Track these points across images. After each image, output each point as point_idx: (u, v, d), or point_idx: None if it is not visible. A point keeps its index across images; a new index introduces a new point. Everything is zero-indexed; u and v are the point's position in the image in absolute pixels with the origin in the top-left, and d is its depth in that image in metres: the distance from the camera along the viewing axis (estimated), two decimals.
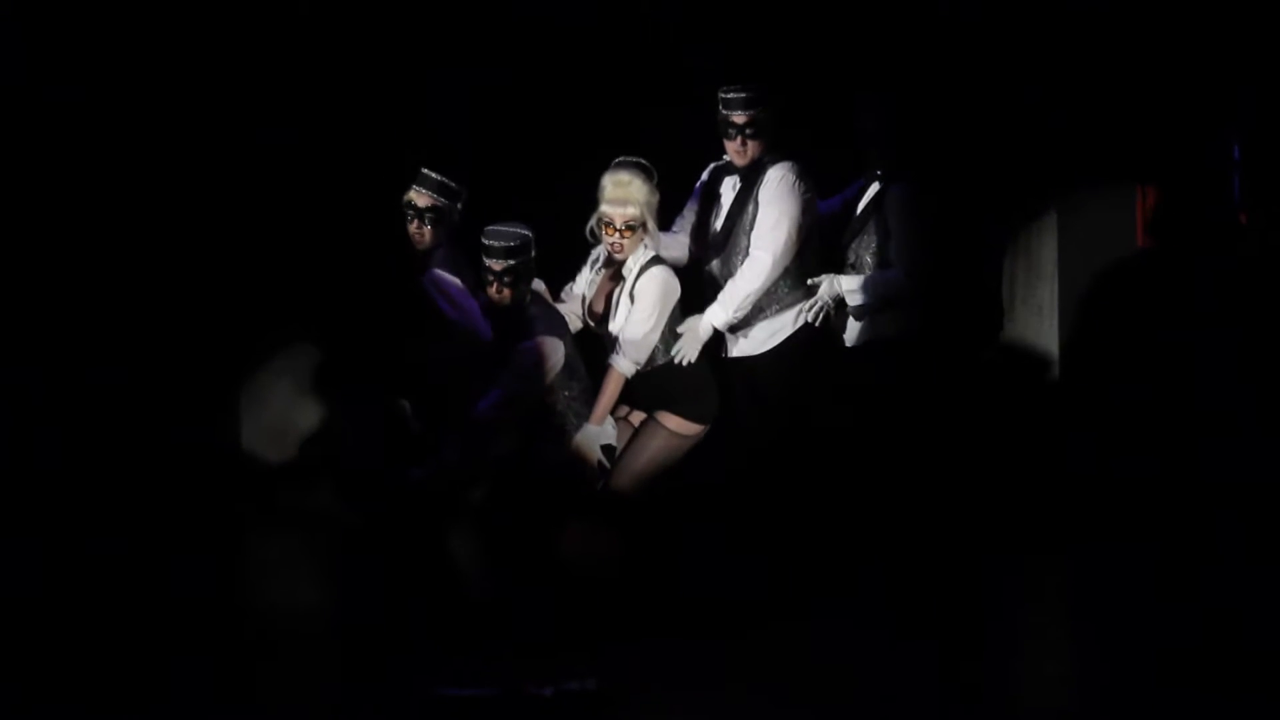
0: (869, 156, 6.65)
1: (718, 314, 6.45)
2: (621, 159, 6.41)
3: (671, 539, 6.35)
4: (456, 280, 6.34)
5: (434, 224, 6.38)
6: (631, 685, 5.42)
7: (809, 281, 6.50)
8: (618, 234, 6.35)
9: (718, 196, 6.64)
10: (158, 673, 5.63)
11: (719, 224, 6.60)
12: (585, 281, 6.63)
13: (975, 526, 6.69)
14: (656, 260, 6.41)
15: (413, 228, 6.40)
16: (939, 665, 5.59)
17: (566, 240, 6.52)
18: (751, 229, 6.48)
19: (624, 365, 6.38)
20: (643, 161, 6.41)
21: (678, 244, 6.69)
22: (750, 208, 6.50)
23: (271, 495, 7.57)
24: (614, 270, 6.51)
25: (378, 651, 5.76)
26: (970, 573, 6.51)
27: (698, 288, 6.59)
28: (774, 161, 6.48)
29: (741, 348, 6.56)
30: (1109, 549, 6.80)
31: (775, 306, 6.51)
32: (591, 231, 6.45)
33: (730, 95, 6.47)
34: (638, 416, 6.50)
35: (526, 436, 6.31)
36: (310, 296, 7.59)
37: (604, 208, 6.37)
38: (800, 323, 6.51)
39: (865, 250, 6.58)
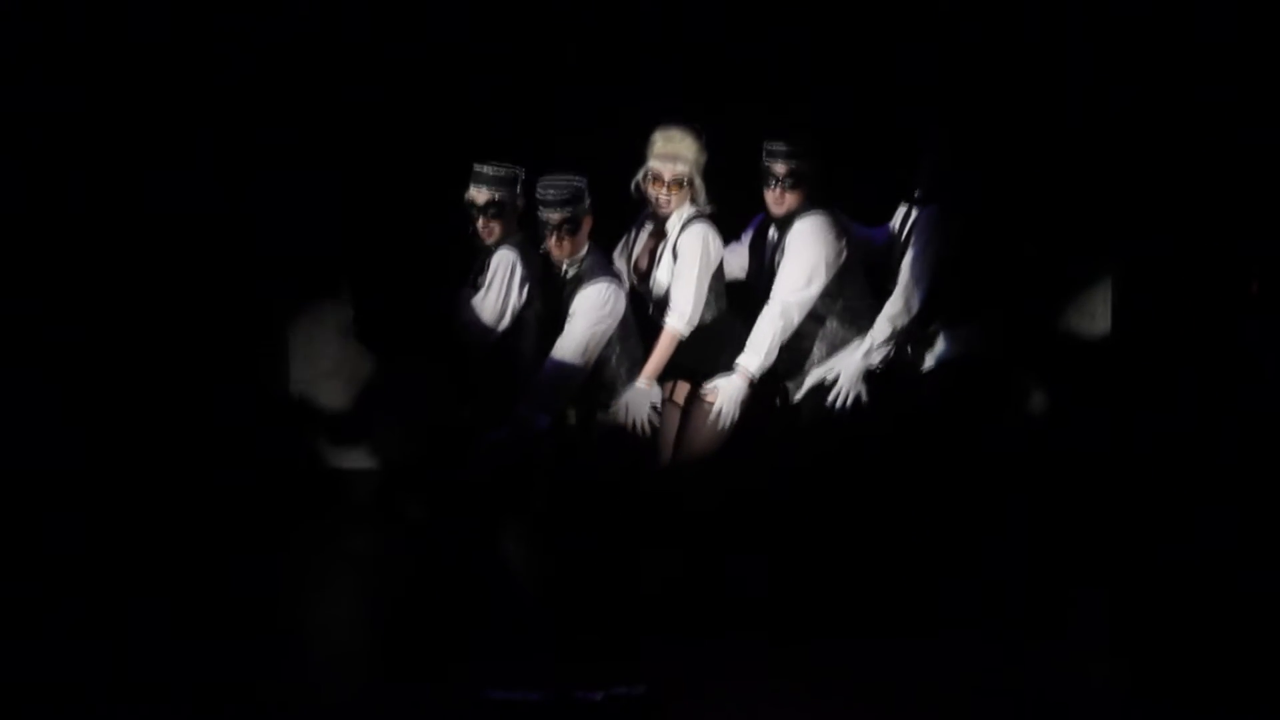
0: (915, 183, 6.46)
1: (750, 359, 6.23)
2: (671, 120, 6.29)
3: (722, 542, 6.22)
4: (507, 271, 6.14)
5: (497, 217, 6.15)
6: (680, 690, 5.37)
7: (825, 381, 6.30)
8: (665, 188, 6.26)
9: (764, 244, 6.45)
10: (203, 667, 5.61)
11: (765, 273, 6.41)
12: (632, 241, 6.48)
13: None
14: (699, 217, 6.28)
15: (479, 225, 6.17)
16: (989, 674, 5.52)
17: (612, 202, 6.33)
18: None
19: (677, 323, 6.24)
20: (693, 122, 6.27)
21: (738, 256, 6.53)
22: (779, 258, 6.33)
23: (321, 495, 7.48)
24: (657, 226, 6.41)
25: (425, 653, 5.71)
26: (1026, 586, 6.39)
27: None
28: (805, 212, 6.28)
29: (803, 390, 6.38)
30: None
31: (826, 347, 6.33)
32: (637, 186, 6.32)
33: (773, 147, 6.28)
34: (681, 393, 6.35)
35: (585, 404, 6.16)
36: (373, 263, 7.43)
37: (652, 163, 6.27)
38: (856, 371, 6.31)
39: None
